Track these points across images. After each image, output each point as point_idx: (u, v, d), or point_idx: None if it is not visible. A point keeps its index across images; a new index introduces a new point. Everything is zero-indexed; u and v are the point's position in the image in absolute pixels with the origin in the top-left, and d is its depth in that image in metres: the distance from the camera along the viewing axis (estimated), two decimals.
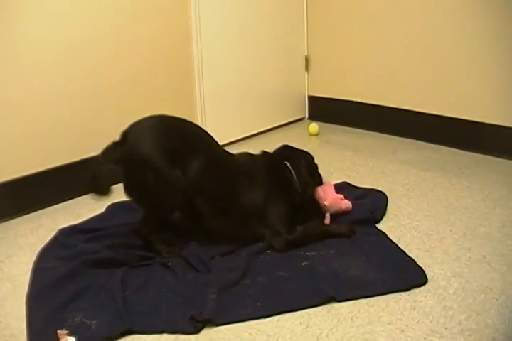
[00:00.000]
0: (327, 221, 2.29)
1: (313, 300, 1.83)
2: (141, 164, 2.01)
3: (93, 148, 2.79)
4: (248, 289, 1.89)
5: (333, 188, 2.39)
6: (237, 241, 2.16)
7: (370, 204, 2.46)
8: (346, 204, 2.37)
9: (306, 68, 3.94)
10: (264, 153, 2.34)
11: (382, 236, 2.22)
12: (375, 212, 2.39)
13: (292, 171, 2.26)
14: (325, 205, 2.29)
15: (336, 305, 1.82)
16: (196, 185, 2.07)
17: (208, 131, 2.39)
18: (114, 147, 2.09)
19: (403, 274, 1.95)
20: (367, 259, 2.05)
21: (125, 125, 2.86)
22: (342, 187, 2.59)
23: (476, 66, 3.07)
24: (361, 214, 2.35)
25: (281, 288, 1.90)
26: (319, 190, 2.33)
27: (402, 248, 2.12)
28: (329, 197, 2.32)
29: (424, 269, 1.97)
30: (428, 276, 1.93)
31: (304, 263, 2.03)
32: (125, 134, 2.09)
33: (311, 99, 3.99)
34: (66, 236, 2.24)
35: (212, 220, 2.14)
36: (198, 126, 2.26)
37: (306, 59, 3.92)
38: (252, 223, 2.15)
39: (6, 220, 2.53)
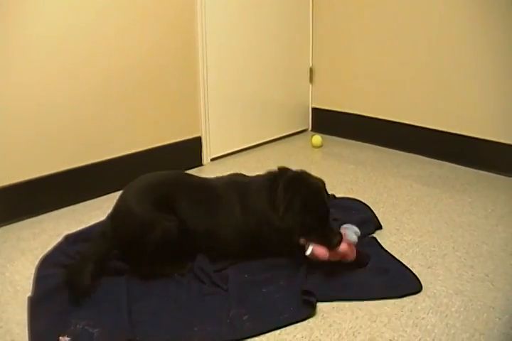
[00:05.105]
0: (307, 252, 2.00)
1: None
2: (130, 221, 2.01)
3: (97, 153, 2.83)
4: (275, 294, 1.91)
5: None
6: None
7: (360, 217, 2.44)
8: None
9: (311, 80, 3.96)
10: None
11: (376, 245, 2.26)
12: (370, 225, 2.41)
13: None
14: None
15: (337, 319, 1.81)
16: (186, 221, 2.05)
17: (212, 141, 3.30)
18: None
19: (398, 281, 2.01)
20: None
21: (130, 131, 2.93)
22: None
23: (481, 83, 3.09)
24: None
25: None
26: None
27: (405, 263, 2.11)
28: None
29: (426, 286, 1.98)
30: (430, 293, 1.94)
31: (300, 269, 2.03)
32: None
33: (315, 110, 4.01)
34: (71, 244, 2.23)
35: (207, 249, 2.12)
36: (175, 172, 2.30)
37: (311, 70, 3.94)
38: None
39: (9, 224, 2.53)
